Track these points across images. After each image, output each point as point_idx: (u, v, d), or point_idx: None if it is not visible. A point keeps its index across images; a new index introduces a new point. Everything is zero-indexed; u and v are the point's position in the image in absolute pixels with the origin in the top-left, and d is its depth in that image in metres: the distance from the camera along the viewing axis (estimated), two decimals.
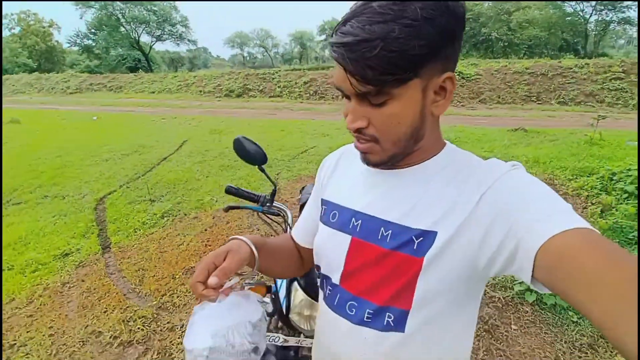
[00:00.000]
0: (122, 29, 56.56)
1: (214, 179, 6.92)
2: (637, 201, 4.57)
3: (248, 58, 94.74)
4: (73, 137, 11.59)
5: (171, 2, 59.42)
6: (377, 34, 0.63)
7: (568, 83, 18.40)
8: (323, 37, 76.92)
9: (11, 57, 52.74)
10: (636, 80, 16.89)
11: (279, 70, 26.86)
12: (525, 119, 12.96)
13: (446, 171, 0.81)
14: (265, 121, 14.57)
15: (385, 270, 0.80)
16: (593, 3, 39.86)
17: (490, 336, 2.93)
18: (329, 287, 0.92)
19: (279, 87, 24.52)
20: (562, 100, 17.77)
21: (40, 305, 3.47)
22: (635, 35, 50.00)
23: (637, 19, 40.53)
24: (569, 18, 42.50)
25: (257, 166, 1.77)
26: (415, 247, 0.76)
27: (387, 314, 0.80)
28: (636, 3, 37.66)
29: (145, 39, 59.53)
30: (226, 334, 0.76)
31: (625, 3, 38.64)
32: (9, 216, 5.69)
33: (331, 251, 0.92)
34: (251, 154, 1.74)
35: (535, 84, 19.06)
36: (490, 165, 0.78)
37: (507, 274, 0.66)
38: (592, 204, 4.97)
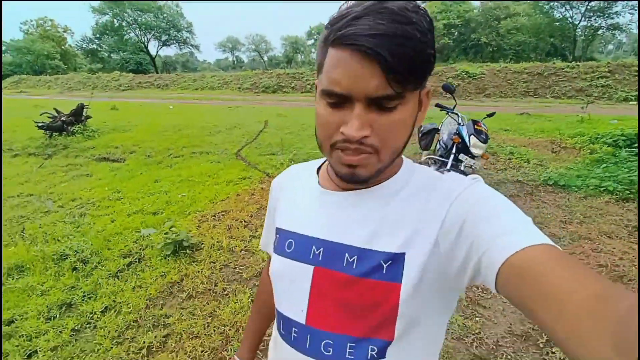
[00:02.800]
0: (132, 34, 58.76)
1: (310, 143, 8.99)
2: (613, 147, 6.66)
3: (236, 62, 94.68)
4: (171, 119, 13.71)
5: (177, 8, 61.28)
6: (404, 34, 0.57)
7: (561, 81, 20.40)
8: (311, 41, 76.18)
9: (45, 59, 54.84)
10: (620, 78, 19.00)
11: (306, 71, 28.89)
12: (527, 108, 14.82)
13: (408, 188, 0.74)
14: (313, 109, 16.45)
15: (357, 299, 0.70)
16: (582, 9, 39.31)
17: None
18: (294, 329, 0.77)
19: (308, 84, 26.52)
20: (556, 94, 19.80)
21: (260, 195, 5.57)
22: (625, 40, 50.02)
23: (626, 25, 40.89)
24: (557, 24, 41.79)
25: (452, 93, 4.08)
26: (384, 272, 0.68)
27: (370, 346, 0.70)
28: (626, 10, 37.63)
29: (151, 43, 61.78)
30: None
31: (615, 9, 38.24)
32: (177, 164, 7.84)
33: (291, 285, 0.79)
34: (452, 88, 3.98)
35: (532, 82, 21.08)
36: (451, 179, 0.73)
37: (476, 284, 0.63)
38: (583, 150, 7.09)
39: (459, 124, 4.40)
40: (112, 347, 2.63)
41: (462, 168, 4.27)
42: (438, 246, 0.66)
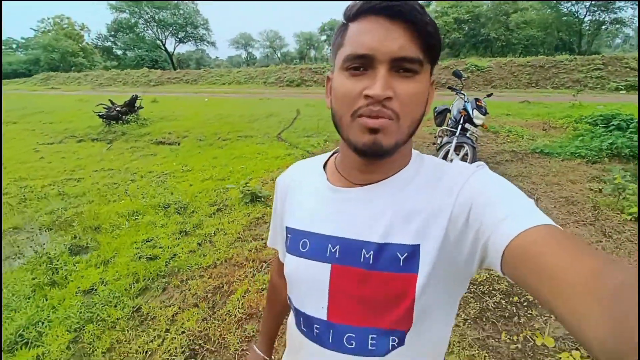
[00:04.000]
0: (149, 31, 58.68)
1: None
2: (592, 126, 7.67)
3: (248, 58, 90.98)
4: (209, 110, 14.89)
5: (193, 5, 60.98)
6: (423, 11, 0.61)
7: (560, 73, 21.22)
8: (324, 37, 76.25)
9: (69, 57, 55.33)
10: (613, 70, 19.82)
11: (327, 66, 29.64)
12: (528, 97, 15.78)
13: (418, 178, 0.73)
14: None
15: (376, 292, 0.71)
16: (587, 4, 38.60)
17: None
18: (316, 325, 0.77)
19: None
20: (555, 85, 20.67)
21: None
22: (632, 34, 49.25)
23: (629, 20, 39.98)
24: (564, 18, 40.68)
25: (460, 78, 5.30)
26: (401, 264, 0.68)
27: (391, 336, 0.71)
28: (628, 4, 37.14)
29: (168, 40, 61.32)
30: None
31: (618, 4, 37.61)
32: (227, 145, 9.00)
33: (309, 284, 0.78)
34: (460, 74, 5.14)
35: (534, 74, 21.90)
36: (457, 168, 0.73)
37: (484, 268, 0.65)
38: (568, 128, 8.24)
39: (465, 101, 5.53)
40: (230, 249, 3.81)
41: (467, 135, 5.32)
42: (448, 235, 0.66)
